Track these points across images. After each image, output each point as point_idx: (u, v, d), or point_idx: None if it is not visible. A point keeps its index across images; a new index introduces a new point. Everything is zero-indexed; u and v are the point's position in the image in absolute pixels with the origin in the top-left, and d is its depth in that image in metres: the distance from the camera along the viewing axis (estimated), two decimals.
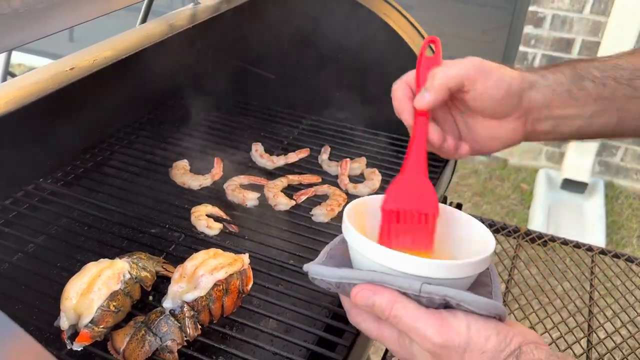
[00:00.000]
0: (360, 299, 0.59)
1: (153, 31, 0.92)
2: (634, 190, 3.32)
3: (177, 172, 1.17)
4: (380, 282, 0.58)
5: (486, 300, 0.56)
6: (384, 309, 0.57)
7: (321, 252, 0.68)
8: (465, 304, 0.56)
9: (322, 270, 0.62)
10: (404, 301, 0.57)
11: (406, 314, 0.57)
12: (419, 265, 0.57)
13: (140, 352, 0.75)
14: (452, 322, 0.56)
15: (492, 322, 0.57)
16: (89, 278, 0.78)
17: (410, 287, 0.56)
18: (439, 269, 0.57)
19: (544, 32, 3.18)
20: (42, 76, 0.74)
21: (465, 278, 0.59)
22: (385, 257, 0.58)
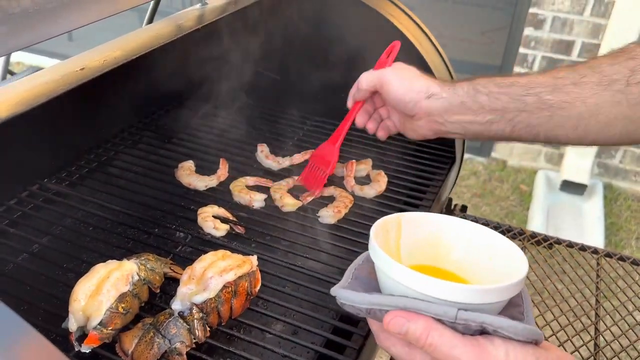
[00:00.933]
0: (393, 326, 0.57)
1: (162, 32, 0.92)
2: (632, 192, 3.33)
3: (183, 172, 1.16)
4: (414, 308, 0.56)
5: (524, 326, 0.55)
6: (419, 338, 0.56)
7: (345, 272, 0.67)
8: (503, 330, 0.54)
9: (351, 296, 0.61)
10: (440, 329, 0.56)
11: (443, 342, 0.56)
12: (454, 290, 0.55)
13: (148, 354, 0.74)
14: (490, 350, 0.55)
15: (530, 349, 0.56)
16: (97, 280, 0.77)
17: (445, 314, 0.55)
18: (476, 294, 0.55)
19: (544, 34, 3.19)
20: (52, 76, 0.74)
21: (500, 302, 0.57)
22: (418, 283, 0.56)
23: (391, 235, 0.66)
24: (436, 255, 0.68)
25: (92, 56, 0.80)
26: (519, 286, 0.57)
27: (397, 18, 1.33)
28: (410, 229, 0.68)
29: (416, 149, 1.33)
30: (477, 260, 0.66)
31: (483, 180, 3.40)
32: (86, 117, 1.11)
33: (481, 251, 0.66)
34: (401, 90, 0.96)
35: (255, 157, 1.26)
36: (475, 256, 0.66)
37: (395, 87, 0.97)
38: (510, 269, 0.60)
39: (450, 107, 0.93)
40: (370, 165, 1.24)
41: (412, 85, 0.96)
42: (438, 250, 0.68)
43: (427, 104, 0.94)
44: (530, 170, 3.46)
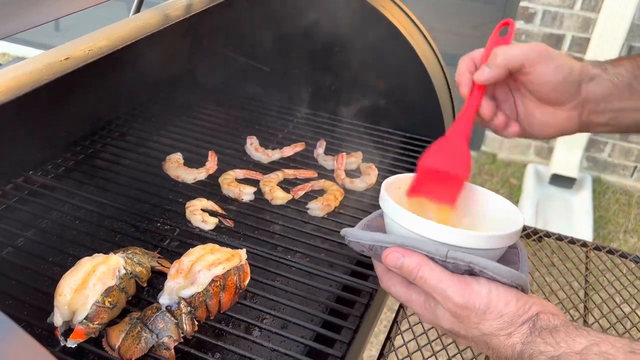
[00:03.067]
0: (390, 259, 0.62)
1: (149, 21, 0.90)
2: (621, 186, 3.35)
3: (171, 165, 1.15)
4: (410, 246, 0.62)
5: (508, 269, 0.60)
6: (412, 270, 0.61)
7: (360, 221, 0.73)
8: (488, 271, 0.59)
9: (357, 233, 0.67)
10: (431, 264, 0.61)
11: (432, 275, 0.60)
12: (447, 233, 0.60)
13: (136, 348, 0.74)
14: (474, 286, 0.60)
15: (512, 290, 0.60)
16: (83, 274, 0.76)
17: (437, 252, 0.60)
18: (466, 238, 0.60)
19: (535, 28, 3.19)
20: (36, 66, 0.72)
21: (490, 250, 0.62)
22: (416, 224, 0.62)
23: (402, 192, 0.72)
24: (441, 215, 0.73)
25: (77, 46, 0.79)
26: (508, 238, 0.62)
27: (389, 10, 1.32)
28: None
29: (406, 141, 1.32)
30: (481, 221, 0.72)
31: (473, 173, 3.41)
32: (72, 109, 1.09)
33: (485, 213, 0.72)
34: (562, 72, 0.74)
35: (245, 150, 1.25)
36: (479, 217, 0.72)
37: (553, 69, 0.74)
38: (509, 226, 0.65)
39: (614, 91, 0.76)
40: (360, 158, 1.24)
41: (570, 66, 0.75)
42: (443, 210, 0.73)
43: (588, 89, 0.76)
44: (520, 163, 3.47)
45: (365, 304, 0.86)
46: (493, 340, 0.59)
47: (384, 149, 1.29)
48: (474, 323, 0.60)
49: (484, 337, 0.60)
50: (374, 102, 1.33)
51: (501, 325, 0.59)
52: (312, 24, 1.28)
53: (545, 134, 0.81)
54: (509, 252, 0.66)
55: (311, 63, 1.30)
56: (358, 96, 1.28)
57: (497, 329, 0.59)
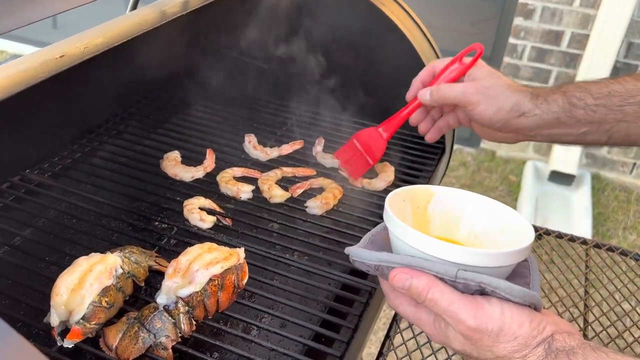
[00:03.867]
0: (397, 281, 0.61)
1: (145, 18, 0.89)
2: (620, 183, 3.35)
3: (169, 163, 1.14)
4: (418, 266, 0.60)
5: (521, 288, 0.58)
6: (421, 292, 0.60)
7: (364, 236, 0.72)
8: (500, 290, 0.58)
9: (362, 253, 0.65)
10: (441, 285, 0.59)
11: (442, 297, 0.59)
12: (456, 252, 0.59)
13: (133, 348, 0.73)
14: (486, 308, 0.58)
15: (526, 310, 0.59)
16: (80, 273, 0.75)
17: (446, 272, 0.58)
18: (476, 256, 0.58)
19: (534, 24, 3.18)
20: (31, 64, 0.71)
21: (501, 267, 0.60)
22: (423, 244, 0.60)
23: (405, 205, 0.71)
24: (448, 228, 0.72)
25: (73, 43, 0.78)
26: (519, 254, 0.60)
27: (388, 7, 1.31)
28: (422, 201, 0.72)
29: (406, 139, 1.32)
30: (488, 234, 0.70)
31: (472, 170, 3.40)
32: (68, 107, 1.08)
33: (493, 225, 0.69)
34: (489, 112, 0.89)
35: (243, 148, 1.24)
36: (487, 230, 0.70)
37: (482, 109, 0.90)
38: (519, 240, 0.63)
39: (543, 124, 0.87)
40: None
41: (501, 104, 0.89)
42: (450, 223, 0.72)
43: (517, 123, 0.89)
44: (519, 160, 3.47)
45: (364, 303, 0.85)
46: None
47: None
48: (487, 346, 0.58)
49: (498, 359, 0.58)
50: (372, 99, 1.33)
51: (515, 347, 0.57)
52: (311, 20, 1.27)
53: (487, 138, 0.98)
54: (519, 264, 0.64)
55: (309, 60, 1.29)
56: (356, 93, 1.27)
57: (511, 352, 0.57)
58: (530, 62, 3.30)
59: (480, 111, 0.90)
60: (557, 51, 3.21)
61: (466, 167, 3.43)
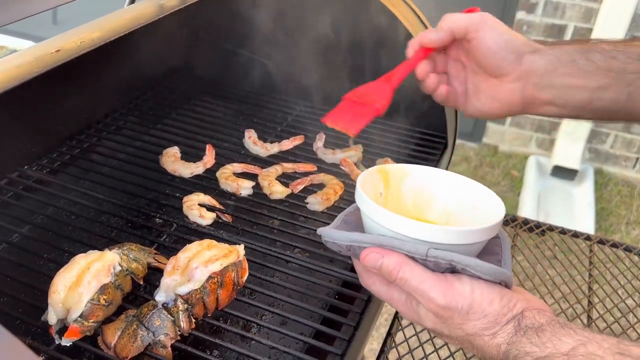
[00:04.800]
0: (369, 260, 0.61)
1: (142, 12, 0.88)
2: (623, 177, 3.34)
3: (168, 159, 1.13)
4: (389, 246, 0.60)
5: (490, 266, 0.58)
6: (392, 271, 0.59)
7: (337, 217, 0.71)
8: (470, 268, 0.58)
9: (334, 233, 0.65)
10: (411, 264, 0.59)
11: (412, 276, 0.59)
12: (426, 230, 0.58)
13: (132, 347, 0.72)
14: (456, 285, 0.58)
15: (496, 287, 0.58)
16: (77, 271, 0.74)
17: (417, 251, 0.58)
18: (446, 234, 0.58)
19: (537, 18, 3.16)
20: (26, 59, 0.70)
21: (472, 244, 0.60)
22: (394, 223, 0.60)
23: (378, 184, 0.70)
24: (421, 206, 0.72)
25: (69, 38, 0.77)
26: (490, 231, 0.60)
27: (390, 1, 1.29)
28: (396, 180, 0.71)
29: (408, 134, 1.31)
30: (461, 211, 0.69)
31: (474, 165, 3.39)
32: (66, 102, 1.07)
33: (465, 202, 0.69)
34: (503, 38, 0.77)
35: (243, 143, 1.23)
36: (459, 207, 0.70)
37: (496, 34, 0.77)
38: (489, 217, 0.63)
39: (558, 66, 0.76)
40: (360, 151, 1.22)
41: (515, 36, 0.78)
42: (423, 201, 0.72)
43: (531, 60, 0.76)
44: (522, 155, 3.46)
45: (365, 300, 0.84)
46: (477, 340, 0.58)
47: (385, 142, 1.27)
48: (457, 324, 0.58)
49: (468, 337, 0.58)
50: None
51: (485, 325, 0.57)
52: (311, 15, 1.26)
53: (492, 109, 0.81)
54: (490, 242, 0.64)
55: (310, 54, 1.27)
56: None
57: (481, 329, 0.57)
58: None
59: (492, 37, 0.77)
60: None
61: (468, 162, 3.42)
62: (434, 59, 0.85)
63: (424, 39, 0.81)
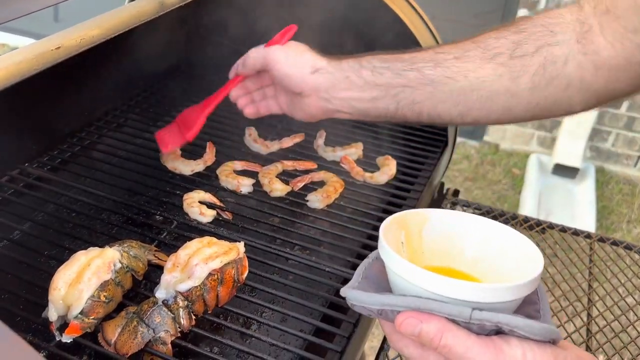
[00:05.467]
0: (406, 327, 0.55)
1: (143, 10, 0.88)
2: (624, 176, 3.34)
3: (168, 157, 1.13)
4: (427, 309, 0.54)
5: (541, 326, 0.53)
6: (433, 339, 0.54)
7: (356, 271, 0.65)
8: (519, 330, 0.53)
9: (362, 296, 0.59)
10: (454, 329, 0.54)
11: (457, 343, 0.54)
12: (468, 289, 0.53)
13: (132, 343, 0.72)
14: (506, 351, 0.53)
15: (547, 348, 0.54)
16: (78, 267, 0.75)
17: (460, 314, 0.53)
18: (490, 293, 0.53)
19: None
20: (26, 56, 0.70)
21: (515, 300, 0.55)
22: (430, 282, 0.54)
23: (399, 232, 0.64)
24: (448, 254, 0.65)
25: (69, 35, 0.77)
26: (535, 283, 0.55)
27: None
28: (416, 226, 0.65)
29: (408, 132, 1.31)
30: (491, 258, 0.63)
31: (475, 164, 3.39)
32: (67, 100, 1.08)
33: (495, 248, 0.63)
34: (287, 66, 0.94)
35: (243, 141, 1.23)
36: (489, 253, 0.63)
37: (281, 64, 0.95)
38: (524, 264, 0.58)
39: (336, 82, 0.91)
40: (361, 148, 1.22)
41: (297, 60, 0.94)
42: (450, 248, 0.65)
43: (313, 79, 0.92)
44: (523, 153, 3.46)
45: None
46: None
47: (385, 140, 1.27)
48: None
49: None
50: None
51: None
52: (311, 12, 1.26)
53: (305, 117, 0.99)
54: None
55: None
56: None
57: None
58: None
59: (279, 66, 0.94)
60: None
61: (469, 160, 3.42)
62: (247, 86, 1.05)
63: (237, 69, 1.03)
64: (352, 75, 0.90)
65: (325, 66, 0.92)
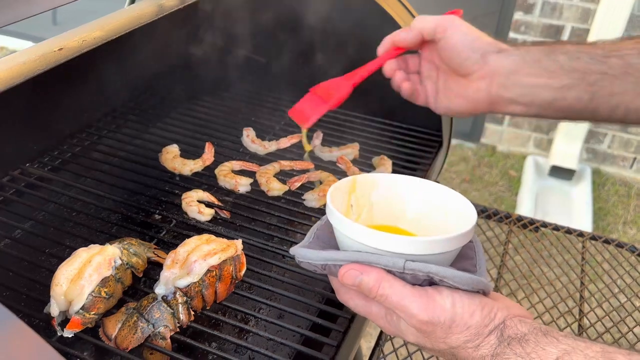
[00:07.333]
0: (347, 278, 0.60)
1: (143, 12, 0.90)
2: (620, 177, 3.35)
3: (167, 157, 1.15)
4: (366, 261, 0.59)
5: (469, 276, 0.58)
6: (371, 288, 0.59)
7: (307, 233, 0.70)
8: (448, 280, 0.57)
9: (307, 253, 0.64)
10: (390, 280, 0.59)
11: (392, 292, 0.58)
12: (400, 242, 0.58)
13: (132, 338, 0.74)
14: (437, 299, 0.58)
15: (476, 298, 0.58)
16: (79, 264, 0.76)
17: (394, 265, 0.58)
18: (421, 245, 0.58)
19: (534, 19, 3.18)
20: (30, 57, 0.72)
21: (447, 252, 0.60)
22: (368, 237, 0.59)
23: (348, 196, 0.69)
24: (393, 215, 0.71)
25: (71, 36, 0.78)
26: (464, 237, 0.60)
27: (385, 1, 1.31)
28: (365, 190, 0.71)
29: (403, 132, 1.32)
30: (433, 218, 0.69)
31: (472, 165, 3.41)
32: (68, 100, 1.09)
33: (437, 209, 0.69)
34: (468, 38, 0.80)
35: (241, 142, 1.25)
36: (431, 214, 0.69)
37: (462, 34, 0.80)
38: (462, 223, 0.62)
39: (523, 66, 0.78)
40: (357, 149, 1.23)
41: (480, 36, 0.81)
42: (394, 210, 0.71)
43: (496, 59, 0.79)
44: (520, 155, 3.47)
45: None
46: (461, 352, 0.58)
47: (380, 140, 1.28)
48: (440, 337, 0.58)
49: (452, 350, 0.58)
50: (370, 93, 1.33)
51: (468, 337, 0.57)
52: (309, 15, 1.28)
53: (460, 106, 0.84)
54: (464, 246, 0.63)
55: (308, 54, 1.29)
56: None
57: (464, 342, 0.57)
58: None
59: (459, 36, 0.80)
60: None
61: (466, 162, 3.43)
62: (406, 60, 0.89)
63: (395, 37, 0.85)
64: (544, 58, 0.77)
65: (511, 48, 0.80)
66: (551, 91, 0.77)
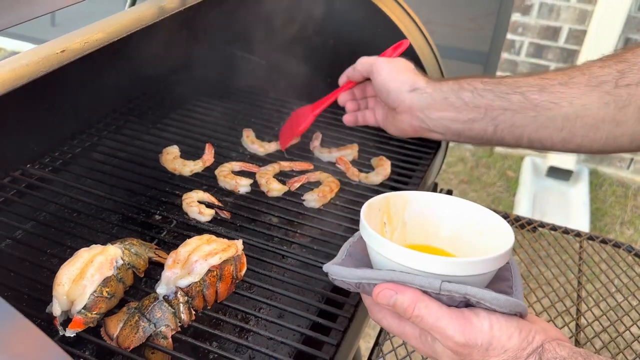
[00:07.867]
0: (382, 298, 0.59)
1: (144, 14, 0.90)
2: (617, 178, 3.37)
3: (168, 157, 1.15)
4: (401, 281, 0.58)
5: (506, 298, 0.56)
6: (406, 309, 0.58)
7: (340, 249, 0.69)
8: (485, 302, 0.56)
9: (342, 271, 0.63)
10: (426, 300, 0.58)
11: (428, 313, 0.57)
12: (437, 263, 0.57)
13: (134, 337, 0.74)
14: (474, 322, 0.57)
15: (514, 320, 0.57)
16: (81, 264, 0.77)
17: (430, 285, 0.57)
18: (459, 266, 0.57)
19: (532, 20, 3.19)
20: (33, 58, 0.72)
21: (485, 274, 0.58)
22: (404, 257, 0.58)
23: (381, 214, 0.68)
24: (426, 233, 0.70)
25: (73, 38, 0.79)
26: (502, 259, 0.59)
27: (384, 2, 1.32)
28: (398, 208, 0.70)
29: None
30: (467, 237, 0.68)
31: (470, 166, 3.42)
32: (68, 102, 1.10)
33: (471, 228, 0.68)
34: (387, 78, 0.97)
35: (241, 142, 1.26)
36: (465, 233, 0.68)
37: (383, 75, 0.98)
38: (498, 243, 0.61)
39: (432, 103, 0.92)
40: (356, 149, 1.24)
41: (399, 75, 0.96)
42: (428, 228, 0.70)
43: (410, 97, 0.94)
44: (517, 156, 3.49)
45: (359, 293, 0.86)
46: None
47: (379, 142, 1.29)
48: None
49: None
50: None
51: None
52: (308, 16, 1.29)
53: (397, 133, 1.05)
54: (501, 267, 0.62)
55: (307, 56, 1.30)
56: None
57: None
58: (528, 58, 3.31)
59: (381, 77, 0.97)
60: (554, 47, 3.22)
61: (464, 163, 3.45)
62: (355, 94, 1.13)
63: (348, 74, 1.08)
64: (451, 96, 0.91)
65: (424, 86, 0.94)
66: (459, 124, 0.91)
